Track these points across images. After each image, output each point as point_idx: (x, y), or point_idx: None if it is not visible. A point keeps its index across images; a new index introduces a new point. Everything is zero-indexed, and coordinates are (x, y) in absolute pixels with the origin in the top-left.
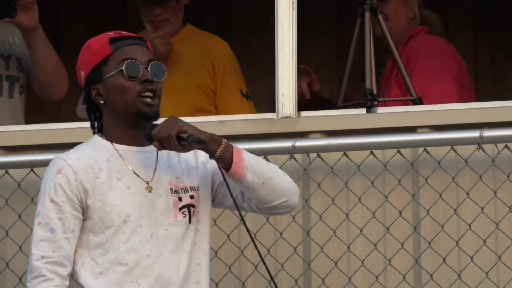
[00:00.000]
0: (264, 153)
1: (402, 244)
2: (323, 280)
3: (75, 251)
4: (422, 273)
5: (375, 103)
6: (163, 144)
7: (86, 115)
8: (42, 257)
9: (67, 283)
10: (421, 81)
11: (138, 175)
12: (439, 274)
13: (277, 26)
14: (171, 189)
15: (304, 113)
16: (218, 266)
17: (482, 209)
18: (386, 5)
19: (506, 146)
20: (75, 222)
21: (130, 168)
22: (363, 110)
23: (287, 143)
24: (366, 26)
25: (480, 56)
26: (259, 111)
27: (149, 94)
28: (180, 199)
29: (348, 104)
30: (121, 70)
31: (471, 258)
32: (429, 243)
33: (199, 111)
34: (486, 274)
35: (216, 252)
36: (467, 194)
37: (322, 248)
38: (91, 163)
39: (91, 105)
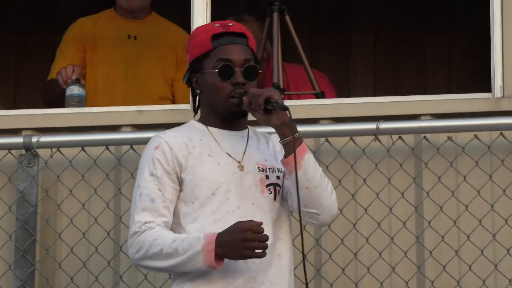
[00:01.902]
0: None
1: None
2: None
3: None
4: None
5: (282, 96)
6: (250, 101)
7: None
8: (145, 222)
9: None
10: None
11: (229, 154)
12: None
13: (192, 24)
14: (258, 167)
15: None
16: None
17: (378, 194)
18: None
19: (400, 137)
20: (173, 192)
21: (222, 148)
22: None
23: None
24: (274, 25)
25: (379, 53)
26: None
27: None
28: (267, 177)
29: None
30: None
31: (367, 239)
32: (329, 227)
33: (162, 100)
34: (380, 254)
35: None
36: (364, 181)
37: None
38: (185, 141)
39: (191, 88)
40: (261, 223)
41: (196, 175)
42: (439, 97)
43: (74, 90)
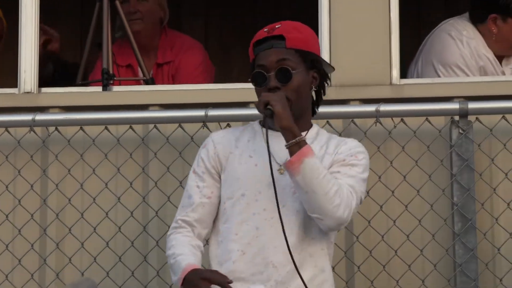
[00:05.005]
0: (5, 126)
1: (132, 213)
2: (57, 244)
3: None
4: (149, 240)
5: (111, 82)
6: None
7: None
8: (178, 219)
9: (194, 241)
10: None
11: (273, 156)
12: (165, 240)
13: (21, 7)
14: None
15: (44, 89)
16: None
17: None
18: (144, 4)
19: (228, 124)
20: (212, 190)
21: (271, 149)
22: (99, 88)
23: (27, 117)
24: (104, 10)
25: (210, 42)
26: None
27: None
28: None
29: (86, 82)
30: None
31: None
32: (156, 212)
33: None
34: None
35: None
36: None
37: (57, 215)
38: (230, 140)
39: None
40: (227, 281)
41: (231, 175)
42: None
43: None
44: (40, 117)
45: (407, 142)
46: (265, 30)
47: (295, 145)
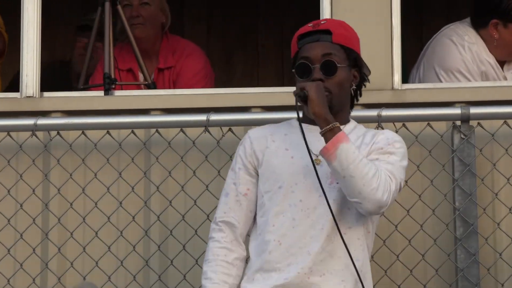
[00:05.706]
0: (7, 130)
1: (134, 217)
2: (59, 249)
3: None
4: (151, 244)
5: (113, 86)
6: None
7: None
8: (215, 218)
9: (231, 254)
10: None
11: (309, 148)
12: (167, 244)
13: (23, 12)
14: None
15: (46, 94)
16: None
17: (208, 187)
18: (147, 8)
19: (230, 129)
20: (248, 187)
21: (309, 142)
22: (101, 93)
23: (29, 121)
24: (106, 15)
25: (212, 47)
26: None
27: None
28: None
29: (87, 86)
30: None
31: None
32: (158, 217)
33: None
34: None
35: None
36: (194, 172)
37: (59, 220)
38: (266, 135)
39: None
40: None
41: (268, 169)
42: (270, 89)
43: None
44: (42, 121)
45: (409, 147)
46: (309, 25)
47: (329, 132)
